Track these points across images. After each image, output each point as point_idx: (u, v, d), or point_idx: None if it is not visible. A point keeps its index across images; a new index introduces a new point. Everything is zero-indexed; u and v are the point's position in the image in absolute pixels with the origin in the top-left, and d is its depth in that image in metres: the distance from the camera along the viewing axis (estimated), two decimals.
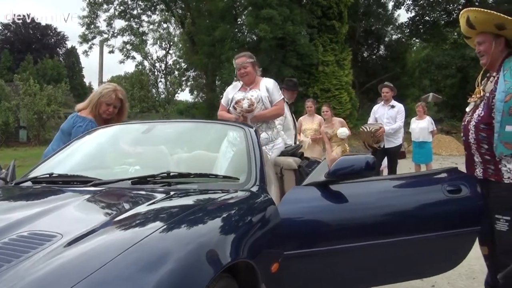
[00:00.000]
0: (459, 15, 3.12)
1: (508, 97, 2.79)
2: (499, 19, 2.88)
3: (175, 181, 2.48)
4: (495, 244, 2.94)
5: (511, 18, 2.88)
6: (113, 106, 3.79)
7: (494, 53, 2.98)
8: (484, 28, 2.99)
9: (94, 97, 3.81)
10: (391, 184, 2.78)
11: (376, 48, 38.41)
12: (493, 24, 2.92)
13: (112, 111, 3.80)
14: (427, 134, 9.66)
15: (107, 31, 29.50)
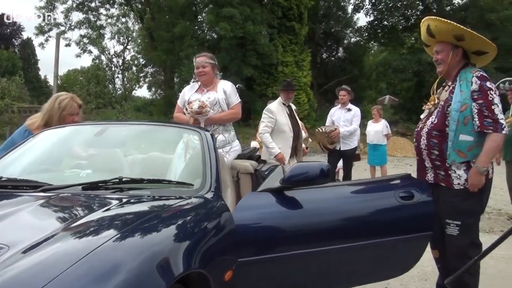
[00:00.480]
0: (421, 23, 3.20)
1: (464, 107, 2.90)
2: (458, 30, 2.97)
3: (127, 186, 2.41)
4: (446, 248, 3.04)
5: (470, 31, 3.00)
6: (76, 114, 3.68)
7: (451, 63, 3.07)
8: (443, 38, 3.07)
9: (53, 112, 3.58)
10: (345, 190, 2.81)
11: (335, 50, 38.90)
12: (452, 35, 3.02)
13: (77, 120, 3.68)
14: (382, 137, 9.87)
15: (64, 24, 28.71)
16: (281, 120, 5.71)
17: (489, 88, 2.87)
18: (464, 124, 2.92)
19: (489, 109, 2.83)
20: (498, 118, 2.82)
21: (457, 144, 2.94)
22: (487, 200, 3.09)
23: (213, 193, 2.45)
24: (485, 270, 4.30)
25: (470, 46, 3.04)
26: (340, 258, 2.63)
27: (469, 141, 2.92)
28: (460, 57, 3.07)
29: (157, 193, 2.39)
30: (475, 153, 2.89)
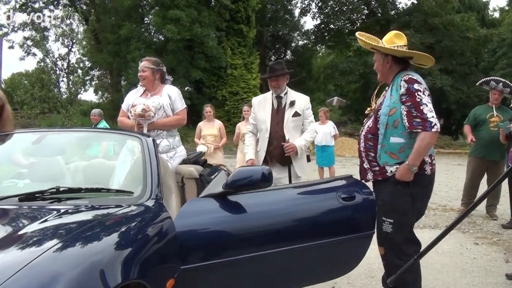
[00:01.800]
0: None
1: (393, 111, 3.02)
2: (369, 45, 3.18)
3: (65, 196, 2.34)
4: None
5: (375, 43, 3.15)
6: None
7: (382, 70, 3.21)
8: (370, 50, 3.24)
9: None
10: (288, 193, 2.82)
11: (283, 53, 39.33)
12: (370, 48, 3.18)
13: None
14: (329, 138, 10.03)
15: (7, 25, 27.62)
16: (260, 115, 4.65)
17: (416, 90, 2.96)
18: (394, 127, 3.02)
19: (418, 109, 2.92)
20: (427, 117, 2.90)
21: (388, 147, 3.05)
22: (427, 198, 3.19)
23: (153, 200, 2.41)
24: (431, 265, 4.46)
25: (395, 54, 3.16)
26: (285, 261, 2.63)
27: (400, 142, 3.02)
28: (391, 63, 3.17)
29: (96, 202, 2.33)
30: (407, 154, 2.97)
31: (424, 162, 3.00)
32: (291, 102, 4.51)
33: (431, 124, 2.90)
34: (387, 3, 31.64)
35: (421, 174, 3.00)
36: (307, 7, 34.49)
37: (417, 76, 3.04)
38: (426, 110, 2.92)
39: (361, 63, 28.60)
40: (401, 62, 3.17)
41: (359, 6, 32.06)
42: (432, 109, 2.94)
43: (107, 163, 3.10)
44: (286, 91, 4.57)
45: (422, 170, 3.00)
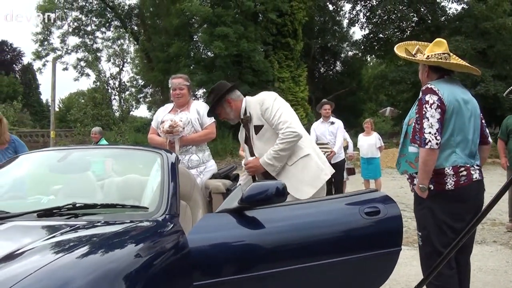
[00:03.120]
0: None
1: (411, 121, 3.02)
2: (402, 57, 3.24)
3: (82, 212, 2.39)
4: None
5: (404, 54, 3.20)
6: None
7: (422, 79, 3.18)
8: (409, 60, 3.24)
9: None
10: (308, 208, 2.73)
11: (332, 64, 39.17)
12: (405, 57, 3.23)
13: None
14: (375, 150, 9.81)
15: (61, 48, 29.03)
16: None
17: (425, 102, 2.89)
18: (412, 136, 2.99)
19: (420, 123, 2.88)
20: (424, 132, 2.84)
21: (407, 156, 3.04)
22: (459, 214, 3.00)
23: (167, 215, 2.40)
24: (472, 284, 4.22)
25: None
26: (304, 278, 2.55)
27: (415, 152, 2.99)
28: (428, 72, 3.12)
29: (110, 218, 2.36)
30: None
31: (443, 175, 2.87)
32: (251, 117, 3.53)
33: (425, 140, 2.83)
34: (436, 10, 30.83)
35: (440, 190, 2.91)
36: (355, 17, 34.16)
37: (440, 87, 2.92)
38: (426, 125, 2.84)
39: (412, 71, 27.87)
40: (439, 70, 3.07)
41: (408, 14, 31.35)
42: (433, 124, 2.84)
43: (140, 178, 3.14)
44: (245, 106, 3.56)
45: (441, 185, 2.90)
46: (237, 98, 3.58)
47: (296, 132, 3.27)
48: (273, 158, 3.31)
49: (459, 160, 2.91)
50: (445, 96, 2.89)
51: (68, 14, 28.82)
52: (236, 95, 3.58)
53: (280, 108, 3.35)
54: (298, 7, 26.90)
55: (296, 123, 3.35)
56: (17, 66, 51.80)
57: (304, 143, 3.40)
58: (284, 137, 3.27)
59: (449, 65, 3.03)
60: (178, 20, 25.55)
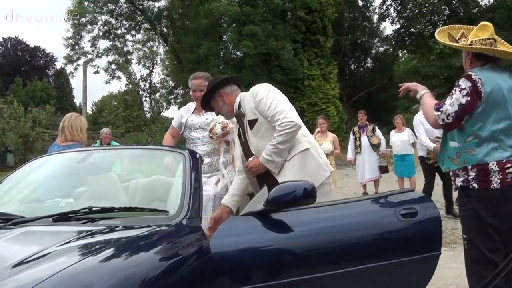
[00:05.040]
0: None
1: None
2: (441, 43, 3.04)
3: (99, 216, 2.28)
4: None
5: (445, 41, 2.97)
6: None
7: (466, 68, 2.93)
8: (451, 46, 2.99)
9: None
10: (340, 210, 2.54)
11: (363, 61, 38.62)
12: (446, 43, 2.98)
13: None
14: (408, 147, 9.49)
15: (92, 52, 29.46)
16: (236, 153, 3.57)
17: (458, 85, 2.75)
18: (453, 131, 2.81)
19: (449, 97, 2.77)
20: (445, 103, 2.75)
21: (449, 151, 2.84)
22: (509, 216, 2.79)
23: (189, 219, 2.27)
24: None
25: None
26: (337, 286, 2.38)
27: (455, 147, 2.81)
28: (472, 59, 2.88)
29: (128, 222, 2.25)
30: (464, 159, 2.73)
31: (487, 172, 2.65)
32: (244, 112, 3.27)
33: (438, 108, 2.76)
34: (469, 1, 29.98)
35: (484, 188, 2.69)
36: (385, 12, 33.55)
37: (482, 75, 2.70)
38: (448, 102, 2.73)
39: (445, 66, 27.30)
40: (483, 57, 2.83)
41: (440, 7, 30.59)
42: (453, 104, 2.71)
43: (166, 180, 3.02)
44: (239, 101, 3.29)
45: (486, 183, 2.68)
46: (231, 92, 3.31)
47: (294, 121, 2.96)
48: (272, 154, 3.01)
49: (504, 154, 2.67)
50: (485, 86, 2.68)
51: (98, 18, 29.22)
52: (230, 89, 3.32)
53: (275, 98, 3.05)
54: (328, 4, 26.54)
55: (293, 113, 3.04)
56: (50, 71, 52.95)
57: (302, 136, 3.12)
58: (282, 129, 2.96)
59: (493, 52, 2.79)
60: (207, 20, 25.55)
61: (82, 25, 28.26)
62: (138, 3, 30.52)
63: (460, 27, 3.02)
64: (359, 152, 10.02)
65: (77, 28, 28.11)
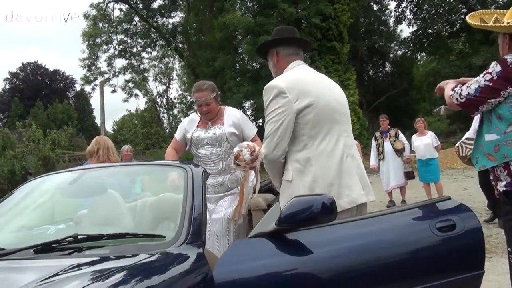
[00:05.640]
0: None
1: None
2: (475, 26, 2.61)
3: (86, 245, 1.98)
4: None
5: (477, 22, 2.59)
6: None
7: (503, 53, 2.54)
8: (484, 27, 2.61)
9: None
10: (365, 227, 2.19)
11: (381, 65, 38.04)
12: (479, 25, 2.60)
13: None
14: (432, 150, 9.03)
15: (108, 71, 29.61)
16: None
17: (486, 69, 2.43)
18: (489, 121, 2.44)
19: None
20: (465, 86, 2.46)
21: (485, 147, 2.46)
22: None
23: (189, 245, 1.96)
24: None
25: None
26: None
27: (493, 140, 2.42)
28: (509, 43, 2.50)
29: (119, 250, 1.96)
30: (504, 153, 2.35)
31: None
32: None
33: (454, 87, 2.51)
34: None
35: None
36: (401, 14, 32.94)
37: None
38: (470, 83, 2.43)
39: (465, 66, 26.54)
40: None
41: (456, 6, 29.87)
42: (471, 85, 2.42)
43: (165, 199, 2.72)
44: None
45: None
46: (285, 55, 2.81)
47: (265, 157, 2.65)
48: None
49: None
50: None
51: (113, 37, 29.38)
52: (286, 51, 2.81)
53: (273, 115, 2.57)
54: (342, 9, 26.15)
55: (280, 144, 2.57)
56: (70, 93, 53.55)
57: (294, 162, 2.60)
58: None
59: None
60: (221, 33, 25.43)
61: (98, 45, 28.42)
62: (152, 20, 30.65)
63: (493, 12, 2.64)
64: (383, 159, 9.55)
65: (93, 48, 28.26)
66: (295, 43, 2.85)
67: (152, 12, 30.56)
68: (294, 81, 2.62)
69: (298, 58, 2.84)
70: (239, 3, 28.08)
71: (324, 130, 2.57)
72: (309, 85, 2.61)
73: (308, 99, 2.54)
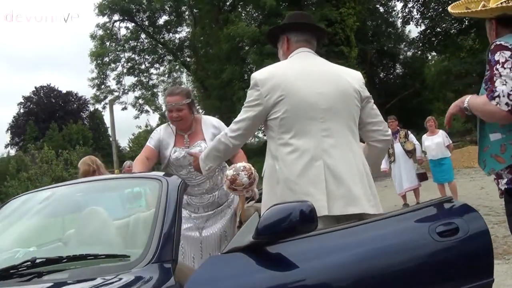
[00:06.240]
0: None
1: None
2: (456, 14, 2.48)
3: (46, 270, 1.79)
4: None
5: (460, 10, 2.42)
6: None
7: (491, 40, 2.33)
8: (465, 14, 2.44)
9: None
10: (355, 235, 1.96)
11: (392, 67, 37.71)
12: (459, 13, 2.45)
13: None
14: (444, 149, 8.77)
15: (117, 89, 29.81)
16: None
17: (495, 62, 2.13)
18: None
19: (491, 81, 2.12)
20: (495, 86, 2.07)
21: (492, 147, 2.22)
22: None
23: (156, 264, 1.76)
24: None
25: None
26: None
27: (499, 139, 2.19)
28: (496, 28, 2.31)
29: (79, 274, 1.78)
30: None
31: None
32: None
33: (493, 95, 2.05)
34: None
35: None
36: (408, 15, 32.53)
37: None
38: (498, 83, 2.06)
39: (477, 62, 26.04)
40: (510, 23, 2.27)
41: None
42: (507, 81, 2.06)
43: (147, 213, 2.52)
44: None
45: None
46: (294, 43, 2.59)
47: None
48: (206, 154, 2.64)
49: None
50: None
51: (120, 56, 29.58)
52: (295, 38, 2.58)
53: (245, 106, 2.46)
54: (348, 13, 25.93)
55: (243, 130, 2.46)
56: (84, 113, 53.99)
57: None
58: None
59: None
60: (228, 45, 25.42)
61: (106, 64, 28.62)
62: (159, 37, 30.80)
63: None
64: (394, 161, 9.23)
65: (101, 68, 28.46)
66: (308, 30, 2.61)
67: (158, 28, 30.76)
68: (272, 74, 2.42)
69: (309, 46, 2.59)
70: (244, 14, 28.08)
71: (294, 129, 2.33)
72: (286, 78, 2.38)
73: (277, 93, 2.34)
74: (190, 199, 3.28)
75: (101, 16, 28.32)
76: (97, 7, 28.11)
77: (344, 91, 2.46)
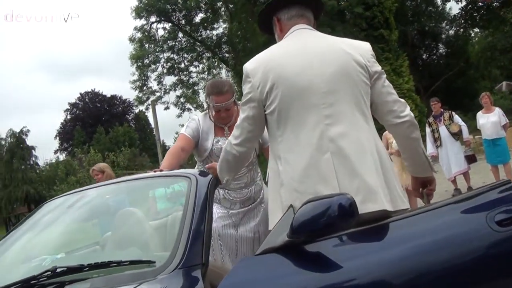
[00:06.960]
0: None
1: None
2: None
3: (69, 279, 1.69)
4: None
5: None
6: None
7: None
8: None
9: None
10: (404, 228, 1.75)
11: (434, 48, 36.68)
12: None
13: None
14: (500, 129, 8.24)
15: (159, 89, 30.22)
16: None
17: None
18: None
19: None
20: None
21: None
22: None
23: (183, 269, 1.62)
24: None
25: None
26: None
27: None
28: None
29: (102, 283, 1.67)
30: None
31: None
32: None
33: None
34: None
35: None
36: None
37: None
38: None
39: None
40: None
41: None
42: None
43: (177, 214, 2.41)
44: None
45: None
46: (286, 21, 2.26)
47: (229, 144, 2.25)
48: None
49: None
50: None
51: (160, 56, 29.95)
52: (288, 15, 2.25)
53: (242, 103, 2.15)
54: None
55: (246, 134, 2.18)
56: (130, 116, 55.17)
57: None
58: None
59: None
60: (264, 37, 25.23)
61: (146, 66, 29.06)
62: (196, 34, 30.97)
63: None
64: (440, 145, 8.80)
65: (142, 69, 28.92)
66: (298, 2, 2.25)
67: (195, 26, 30.94)
68: (261, 60, 2.12)
69: (303, 21, 2.23)
70: None
71: (291, 121, 2.02)
72: (278, 61, 2.05)
73: (269, 82, 2.02)
74: (227, 193, 3.13)
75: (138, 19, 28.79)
76: (133, 11, 28.56)
77: (348, 68, 2.07)
